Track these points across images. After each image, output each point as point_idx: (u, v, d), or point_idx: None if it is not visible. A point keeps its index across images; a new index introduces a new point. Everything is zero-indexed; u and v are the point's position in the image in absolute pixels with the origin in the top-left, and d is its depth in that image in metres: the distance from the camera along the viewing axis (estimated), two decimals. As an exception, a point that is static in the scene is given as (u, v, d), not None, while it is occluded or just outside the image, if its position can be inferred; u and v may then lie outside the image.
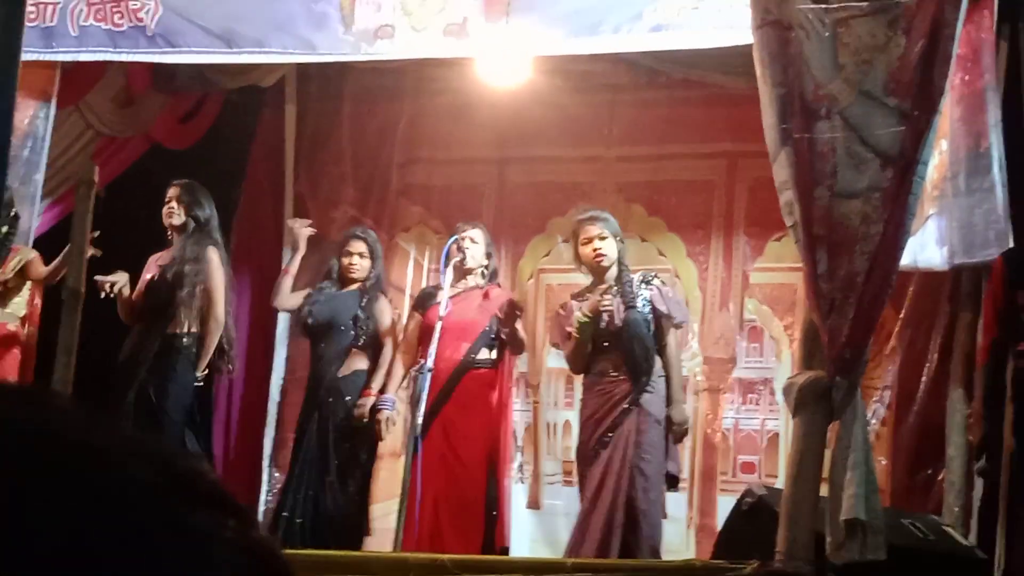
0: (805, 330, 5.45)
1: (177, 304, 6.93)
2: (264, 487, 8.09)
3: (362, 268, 7.28)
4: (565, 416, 7.88)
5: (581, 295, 6.78)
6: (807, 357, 5.35)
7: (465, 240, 7.00)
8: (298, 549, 6.20)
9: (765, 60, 5.20)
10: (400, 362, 7.17)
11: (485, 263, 7.11)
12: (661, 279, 6.84)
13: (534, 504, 7.99)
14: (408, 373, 7.09)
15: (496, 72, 7.18)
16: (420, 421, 6.66)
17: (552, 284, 8.21)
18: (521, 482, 7.95)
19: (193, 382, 6.98)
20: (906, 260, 5.39)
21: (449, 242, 7.07)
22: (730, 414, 7.81)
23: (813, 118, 5.11)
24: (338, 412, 7.07)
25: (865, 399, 5.75)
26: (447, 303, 6.85)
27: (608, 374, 6.55)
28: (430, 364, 6.67)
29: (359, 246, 7.31)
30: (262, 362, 8.44)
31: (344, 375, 7.15)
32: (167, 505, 0.52)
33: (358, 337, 7.16)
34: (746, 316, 7.88)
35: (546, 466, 8.01)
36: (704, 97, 7.78)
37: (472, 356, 6.92)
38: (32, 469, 0.50)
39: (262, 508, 7.86)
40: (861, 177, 5.07)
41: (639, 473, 6.39)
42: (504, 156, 8.41)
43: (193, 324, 6.98)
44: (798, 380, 5.24)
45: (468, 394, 6.90)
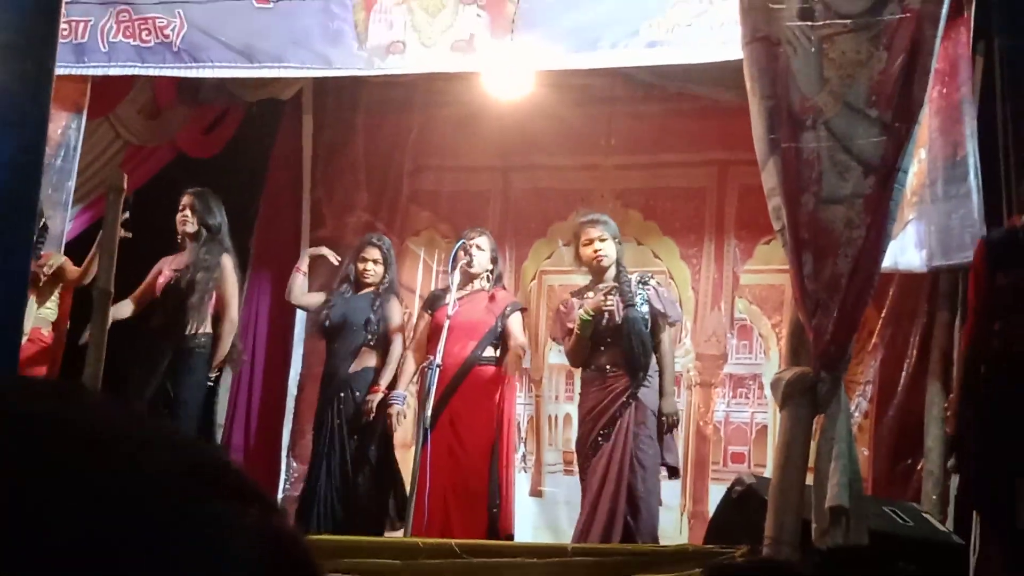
0: (792, 328, 5.44)
1: (193, 307, 6.96)
2: (283, 476, 8.11)
3: (376, 273, 7.28)
4: (566, 409, 7.88)
5: (581, 293, 6.78)
6: (794, 354, 5.35)
7: (472, 246, 7.01)
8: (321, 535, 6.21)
9: (754, 74, 5.20)
10: (411, 359, 7.17)
11: (490, 268, 7.11)
12: (657, 280, 6.84)
13: (536, 492, 7.99)
14: (418, 369, 7.09)
15: (501, 86, 7.18)
16: (429, 414, 6.67)
17: (554, 285, 8.21)
18: (524, 471, 7.94)
19: (208, 380, 7.02)
20: (887, 262, 5.39)
21: (456, 247, 7.07)
22: (721, 407, 7.81)
23: (800, 128, 5.11)
24: (349, 407, 7.09)
25: (848, 393, 5.75)
26: (455, 304, 6.87)
27: (607, 369, 6.55)
28: (439, 361, 6.69)
29: (374, 253, 7.32)
30: (280, 358, 8.45)
31: (355, 372, 7.16)
32: (191, 494, 0.52)
33: (369, 337, 7.17)
34: (736, 315, 7.88)
35: (548, 456, 8.01)
36: (697, 109, 7.78)
37: (478, 353, 6.93)
38: (61, 461, 0.50)
39: (281, 496, 7.87)
40: (845, 184, 5.06)
41: (638, 463, 6.40)
42: (508, 164, 8.41)
43: (207, 326, 7.01)
44: (785, 375, 5.24)
45: (474, 388, 6.90)
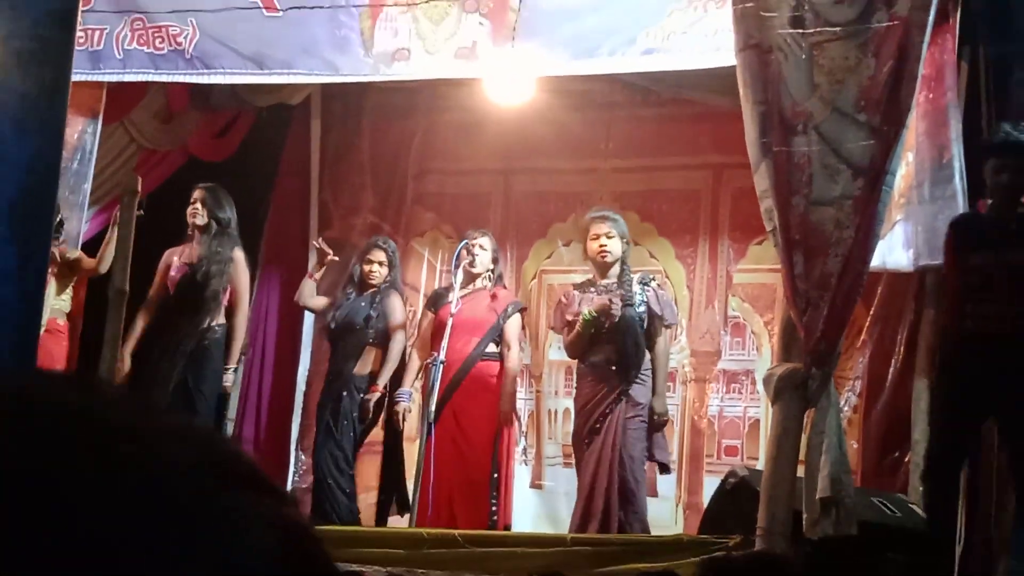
0: (783, 326, 5.44)
1: (208, 299, 6.95)
2: (292, 469, 8.11)
3: (380, 275, 7.28)
4: (565, 404, 7.87)
5: (583, 287, 6.78)
6: (785, 350, 5.35)
7: (474, 246, 7.01)
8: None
9: (747, 80, 5.20)
10: (415, 356, 7.17)
11: (491, 267, 7.11)
12: (658, 282, 6.84)
13: (536, 484, 7.99)
14: (422, 366, 7.09)
15: (502, 92, 7.17)
16: (433, 408, 6.67)
17: (553, 284, 8.20)
18: (525, 463, 7.94)
19: (223, 369, 7.02)
20: (875, 262, 5.39)
21: (459, 247, 7.08)
22: (715, 402, 7.81)
23: (791, 133, 5.11)
24: (349, 407, 7.09)
25: (838, 388, 5.74)
26: (458, 302, 6.87)
27: (600, 365, 6.56)
28: (442, 357, 6.69)
29: (379, 255, 7.31)
30: (289, 354, 8.45)
31: (358, 374, 7.15)
32: (205, 484, 0.52)
33: (371, 333, 7.16)
34: (730, 313, 7.88)
35: (547, 449, 8.01)
36: (692, 114, 7.77)
37: (481, 349, 6.93)
38: (79, 452, 0.50)
39: (289, 487, 7.87)
40: (834, 186, 5.07)
41: (627, 456, 6.41)
42: (509, 167, 8.40)
43: (222, 317, 7.01)
44: (777, 371, 5.24)
45: (477, 383, 6.90)
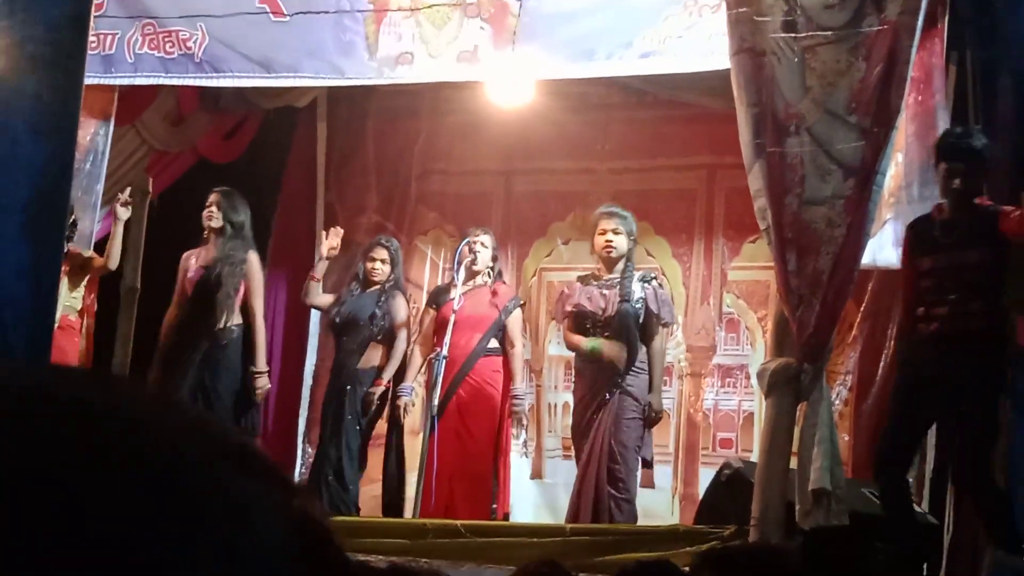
0: (777, 321, 5.44)
1: (222, 301, 6.95)
2: (299, 461, 8.13)
3: (383, 273, 7.28)
4: (564, 398, 7.87)
5: (585, 280, 6.78)
6: (778, 345, 5.35)
7: (476, 244, 7.01)
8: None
9: (741, 83, 5.20)
10: (418, 352, 7.16)
11: (492, 264, 7.11)
12: (659, 282, 6.83)
13: (537, 475, 8.00)
14: (425, 361, 7.09)
15: (503, 94, 7.17)
16: (436, 402, 6.67)
17: (553, 281, 8.20)
18: (526, 456, 7.95)
19: (240, 368, 7.00)
20: (866, 259, 5.39)
21: (461, 245, 7.07)
22: (710, 396, 7.81)
23: (784, 134, 5.11)
24: (355, 400, 7.10)
25: (830, 383, 5.75)
26: (460, 299, 6.87)
27: (595, 360, 6.56)
28: (445, 352, 6.69)
29: (382, 253, 7.32)
30: (296, 350, 8.45)
31: (363, 368, 7.16)
32: (215, 475, 0.52)
33: (376, 331, 7.17)
34: (724, 309, 7.88)
35: (547, 442, 8.01)
36: (687, 116, 7.77)
37: (484, 345, 6.93)
38: (93, 444, 0.50)
39: (296, 479, 7.87)
40: (826, 186, 5.07)
41: (620, 446, 6.41)
42: (510, 168, 8.40)
43: (237, 318, 7.00)
44: (770, 366, 5.24)
45: (479, 378, 6.91)
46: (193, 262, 7.16)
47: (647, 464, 6.71)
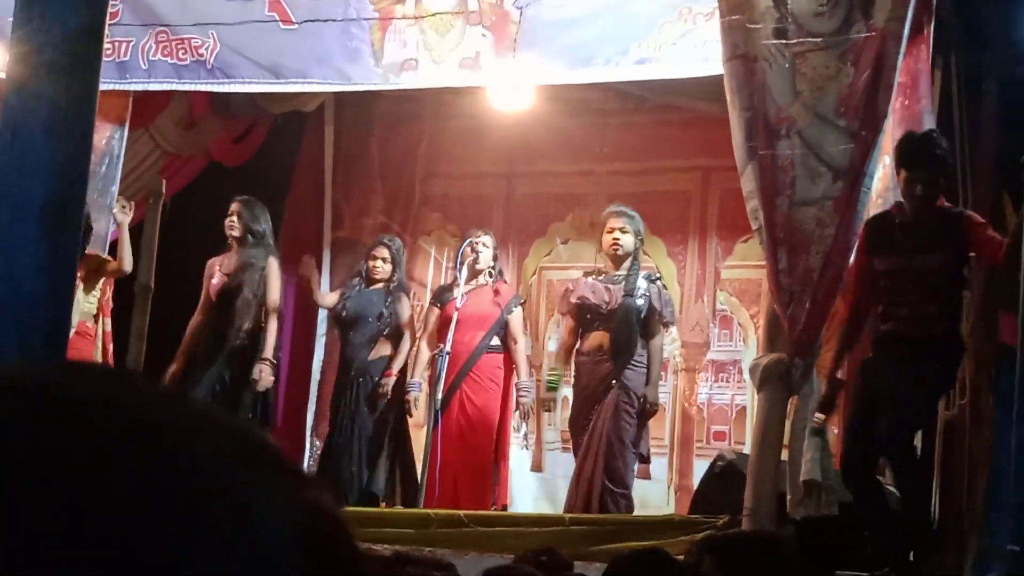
0: (768, 318, 5.45)
1: (243, 306, 6.96)
2: (307, 454, 8.12)
3: (384, 271, 7.29)
4: (563, 392, 7.87)
5: (593, 275, 6.77)
6: (770, 341, 5.35)
7: (478, 244, 7.01)
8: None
9: (734, 88, 5.20)
10: (424, 348, 7.16)
11: (493, 264, 7.11)
12: (663, 282, 6.82)
13: (537, 467, 8.00)
14: (430, 357, 7.09)
15: (504, 99, 7.17)
16: (440, 397, 6.68)
17: (552, 280, 8.20)
18: (526, 448, 7.95)
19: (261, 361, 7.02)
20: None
21: (463, 245, 7.08)
22: (704, 390, 7.81)
23: (775, 137, 5.11)
24: (367, 390, 7.11)
25: (819, 377, 5.74)
26: (462, 297, 6.87)
27: (596, 353, 6.57)
28: (448, 348, 6.70)
29: (384, 252, 7.33)
30: (304, 347, 8.46)
31: (373, 359, 7.18)
32: (222, 472, 0.51)
33: (383, 329, 7.19)
34: (718, 307, 7.88)
35: (547, 435, 8.01)
36: (682, 120, 7.76)
37: (486, 342, 6.93)
38: (107, 438, 0.49)
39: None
40: (816, 188, 5.07)
41: (616, 439, 6.41)
42: (511, 170, 8.40)
43: (258, 320, 7.01)
44: (762, 361, 5.24)
45: (482, 373, 6.91)
46: (217, 269, 7.17)
47: (644, 460, 6.71)
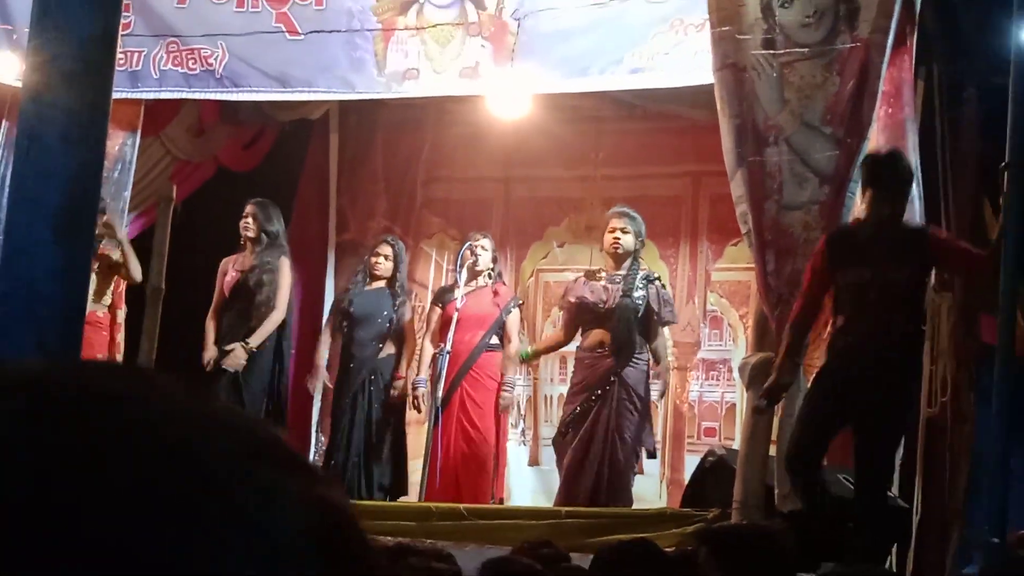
0: (757, 319, 5.45)
1: (257, 305, 6.96)
2: (312, 449, 8.12)
3: (385, 268, 7.28)
4: (559, 390, 7.87)
5: (591, 275, 6.76)
6: (759, 341, 5.36)
7: (477, 247, 7.01)
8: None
9: (724, 96, 5.21)
10: (428, 347, 7.15)
11: (492, 266, 7.11)
12: (663, 282, 6.81)
13: (534, 462, 8.00)
14: (433, 356, 7.08)
15: (503, 107, 7.18)
16: (440, 394, 6.68)
17: (549, 282, 8.21)
18: (524, 444, 7.95)
19: (271, 365, 7.01)
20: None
21: (463, 248, 7.08)
22: (695, 388, 7.82)
23: (763, 144, 5.12)
24: (379, 388, 7.10)
25: (806, 376, 5.74)
26: (462, 298, 6.87)
27: (595, 349, 6.55)
28: (449, 348, 6.70)
29: (386, 250, 7.33)
30: (310, 345, 8.44)
31: (382, 358, 7.18)
32: (239, 464, 0.51)
33: (390, 329, 7.18)
34: (708, 308, 7.89)
35: (544, 431, 8.01)
36: (674, 127, 7.78)
37: (486, 341, 6.93)
38: (118, 434, 0.49)
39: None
40: (803, 193, 5.07)
41: (618, 436, 6.39)
42: (509, 175, 8.41)
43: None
44: (751, 360, 5.25)
45: (482, 371, 6.91)
46: (231, 268, 7.17)
47: (651, 455, 6.67)
